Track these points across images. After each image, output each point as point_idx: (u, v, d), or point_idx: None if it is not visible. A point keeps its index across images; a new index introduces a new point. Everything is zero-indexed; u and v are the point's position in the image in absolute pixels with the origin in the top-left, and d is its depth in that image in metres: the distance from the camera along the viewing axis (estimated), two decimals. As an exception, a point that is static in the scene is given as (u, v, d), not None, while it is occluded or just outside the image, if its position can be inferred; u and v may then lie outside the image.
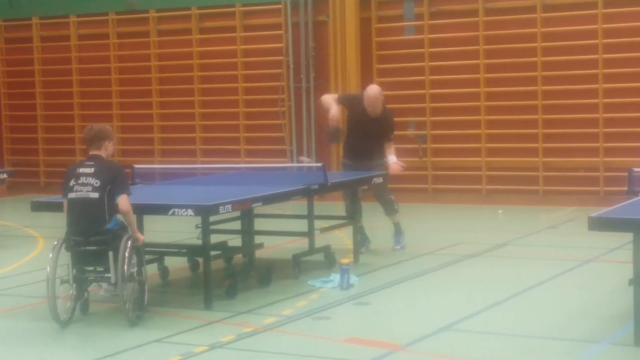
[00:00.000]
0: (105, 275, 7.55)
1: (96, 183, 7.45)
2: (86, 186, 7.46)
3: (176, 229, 11.16)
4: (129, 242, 7.43)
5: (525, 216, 13.25)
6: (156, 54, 17.02)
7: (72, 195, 7.52)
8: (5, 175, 12.48)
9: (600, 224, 6.65)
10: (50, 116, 18.09)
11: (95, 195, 7.43)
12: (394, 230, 10.94)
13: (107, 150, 7.71)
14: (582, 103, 14.14)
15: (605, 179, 13.96)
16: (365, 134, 10.69)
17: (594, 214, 6.68)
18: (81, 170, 7.55)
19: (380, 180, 10.50)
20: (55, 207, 8.90)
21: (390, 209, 10.90)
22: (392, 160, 10.79)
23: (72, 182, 7.52)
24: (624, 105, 13.91)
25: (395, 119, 15.01)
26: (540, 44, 14.27)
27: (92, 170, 7.51)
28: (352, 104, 10.92)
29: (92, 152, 7.68)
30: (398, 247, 10.87)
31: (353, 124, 10.86)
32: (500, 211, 12.98)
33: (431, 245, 10.92)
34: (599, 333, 7.02)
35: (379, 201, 10.93)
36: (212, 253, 8.41)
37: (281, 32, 15.93)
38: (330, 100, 10.85)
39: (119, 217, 7.58)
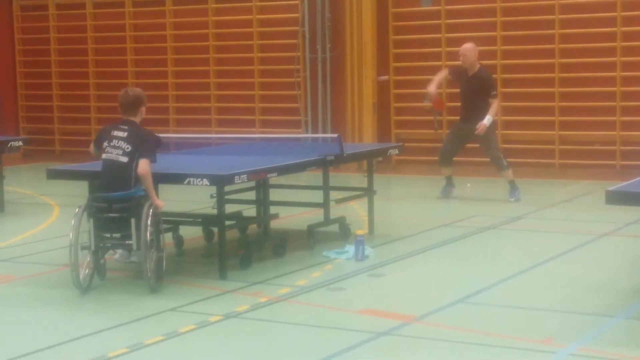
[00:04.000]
0: (127, 242, 7.59)
1: (127, 148, 7.56)
2: (117, 149, 7.58)
3: (191, 198, 11.18)
4: (151, 210, 7.47)
5: (541, 189, 13.20)
6: (172, 23, 16.97)
7: (104, 156, 7.66)
8: (20, 143, 12.49)
9: (618, 198, 6.62)
10: (66, 84, 18.09)
11: (125, 159, 7.54)
12: (509, 186, 12.05)
13: (141, 115, 7.83)
14: (599, 76, 14.04)
15: (622, 153, 13.88)
16: (467, 94, 12.08)
17: (611, 188, 6.64)
18: (115, 133, 7.64)
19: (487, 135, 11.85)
20: (71, 175, 8.94)
21: (500, 165, 12.07)
22: (485, 119, 11.80)
23: (105, 144, 7.64)
24: (642, 78, 13.81)
25: (411, 91, 15.18)
26: (558, 16, 14.15)
27: (125, 134, 7.61)
28: (456, 72, 12.38)
29: (127, 117, 7.74)
30: (512, 199, 11.96)
31: (460, 89, 12.30)
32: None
33: (446, 218, 10.90)
34: (614, 307, 7.01)
35: (488, 156, 12.23)
36: (227, 223, 8.43)
37: (297, 2, 15.84)
38: (435, 79, 12.31)
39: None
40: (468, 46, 12.07)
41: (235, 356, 6.11)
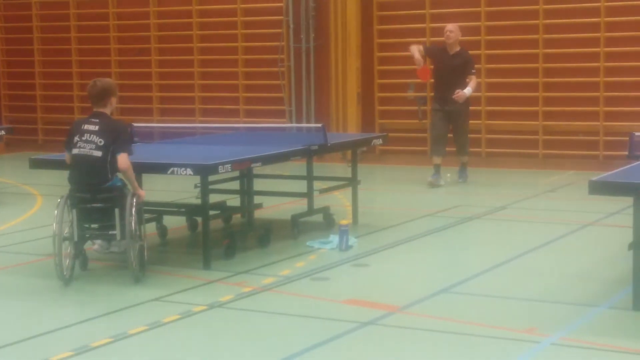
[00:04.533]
0: (109, 232, 7.55)
1: (100, 142, 7.43)
2: (90, 143, 7.45)
3: (175, 188, 11.14)
4: (135, 200, 7.43)
5: (525, 180, 13.24)
6: (155, 12, 16.90)
7: (75, 151, 7.52)
8: (3, 133, 12.43)
9: (601, 188, 6.64)
10: (49, 73, 18.00)
11: (99, 153, 7.43)
12: (460, 168, 12.86)
13: (111, 105, 7.69)
14: (582, 66, 14.08)
15: (605, 143, 13.93)
16: (447, 72, 12.42)
17: (594, 178, 6.66)
18: (86, 127, 7.52)
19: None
20: (54, 164, 8.88)
21: (465, 150, 12.76)
22: (465, 89, 12.26)
23: (76, 138, 7.52)
24: (624, 69, 13.85)
25: (395, 81, 15.19)
26: (542, 7, 14.17)
27: (96, 127, 7.48)
28: (434, 50, 12.88)
29: (97, 109, 7.62)
30: (461, 180, 12.78)
31: (439, 67, 12.62)
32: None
33: (430, 208, 10.92)
34: (597, 297, 7.04)
35: (456, 138, 12.68)
36: (211, 213, 8.40)
37: (281, -9, 15.81)
38: (414, 48, 12.61)
39: (120, 175, 7.56)
40: (454, 25, 12.65)
41: (219, 346, 6.10)
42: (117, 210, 7.44)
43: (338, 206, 10.54)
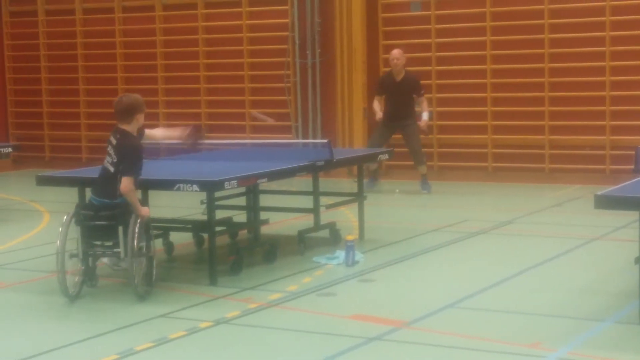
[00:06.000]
0: (115, 250, 7.56)
1: (114, 158, 7.52)
2: (109, 156, 7.57)
3: (181, 204, 11.16)
4: (138, 219, 7.43)
5: (531, 194, 13.23)
6: (161, 29, 16.97)
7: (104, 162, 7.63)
8: (10, 150, 12.47)
9: (607, 202, 6.63)
10: (55, 90, 18.05)
11: (112, 169, 7.52)
12: (421, 179, 13.37)
13: (138, 122, 7.63)
14: (589, 81, 14.07)
15: (612, 157, 13.92)
16: (396, 96, 13.22)
17: (600, 192, 6.66)
18: (111, 139, 7.61)
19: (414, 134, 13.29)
20: (60, 181, 8.91)
21: (420, 160, 13.33)
22: (424, 117, 13.30)
23: (108, 148, 7.61)
24: (631, 83, 13.84)
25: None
26: (548, 21, 14.19)
27: (115, 143, 7.55)
28: (383, 81, 13.61)
29: (120, 126, 7.61)
30: (425, 191, 13.25)
31: (387, 94, 13.42)
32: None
33: (437, 223, 10.91)
34: (604, 311, 7.02)
35: (410, 150, 13.38)
36: (217, 229, 8.41)
37: (287, 7, 15.84)
38: (374, 104, 13.56)
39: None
40: (399, 51, 13.43)
41: (225, 362, 6.09)
42: (120, 228, 7.46)
43: (344, 221, 10.54)
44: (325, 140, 9.81)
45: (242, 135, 15.88)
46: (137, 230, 7.38)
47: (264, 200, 10.00)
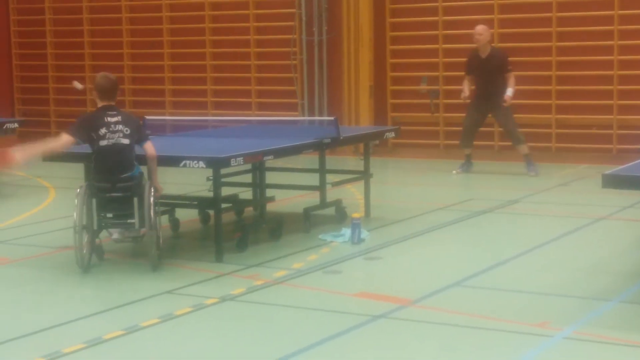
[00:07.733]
0: (128, 221, 7.60)
1: (126, 130, 7.59)
2: (117, 133, 7.58)
3: (187, 181, 11.16)
4: (152, 189, 7.52)
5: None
6: (167, 5, 16.90)
7: (103, 142, 7.58)
8: (16, 125, 12.47)
9: (615, 182, 6.61)
10: (61, 66, 18.02)
11: (127, 141, 7.58)
12: (525, 161, 12.70)
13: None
14: (596, 60, 14.01)
15: (619, 137, 13.87)
16: (483, 74, 12.56)
17: (608, 172, 6.63)
18: (108, 119, 7.61)
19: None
20: (66, 157, 8.89)
21: (517, 139, 12.67)
22: (508, 92, 12.42)
23: (103, 131, 7.57)
24: (639, 62, 13.77)
25: (408, 74, 15.16)
26: (555, 0, 14.11)
27: (119, 118, 7.63)
28: (470, 59, 12.83)
29: (108, 102, 7.71)
30: (532, 174, 12.60)
31: (474, 73, 12.71)
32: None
33: (443, 201, 10.90)
34: (609, 291, 7.02)
35: (505, 131, 12.99)
36: (223, 206, 8.41)
37: (294, -16, 15.78)
38: (464, 83, 12.79)
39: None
40: (482, 27, 12.71)
41: (231, 339, 6.10)
42: (135, 199, 7.53)
43: (350, 199, 10.54)
44: (332, 118, 9.77)
45: (249, 112, 15.86)
46: (152, 201, 7.46)
47: (270, 178, 10.00)
